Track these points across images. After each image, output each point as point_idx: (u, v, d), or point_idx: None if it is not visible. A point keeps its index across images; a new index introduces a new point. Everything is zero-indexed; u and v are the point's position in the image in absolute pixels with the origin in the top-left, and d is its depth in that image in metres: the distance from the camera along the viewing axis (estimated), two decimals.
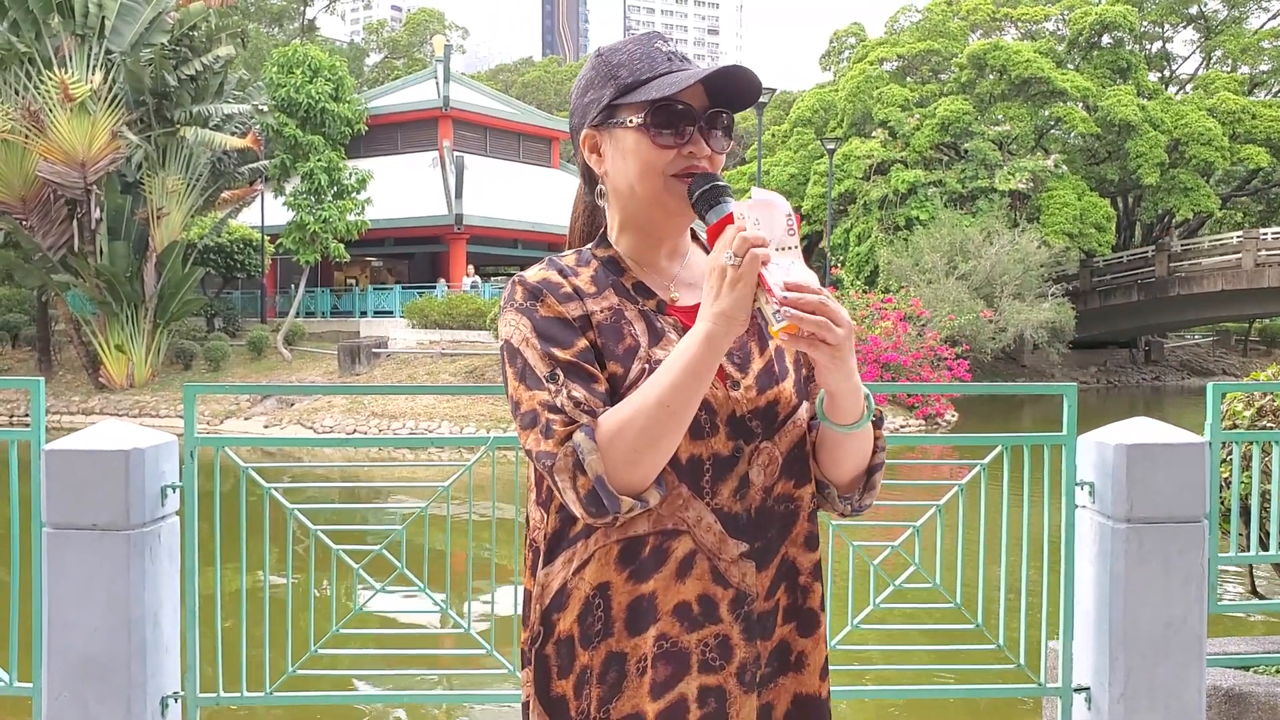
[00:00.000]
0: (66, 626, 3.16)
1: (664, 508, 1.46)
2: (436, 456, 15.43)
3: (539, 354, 1.46)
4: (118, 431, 3.23)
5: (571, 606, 1.49)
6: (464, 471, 3.48)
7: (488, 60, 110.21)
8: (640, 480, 1.41)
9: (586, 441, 1.40)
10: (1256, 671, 3.79)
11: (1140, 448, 3.27)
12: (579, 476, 1.40)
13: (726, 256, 1.33)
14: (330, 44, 60.68)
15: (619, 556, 1.47)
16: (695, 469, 1.47)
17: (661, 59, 1.50)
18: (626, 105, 1.50)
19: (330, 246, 28.20)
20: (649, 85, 1.48)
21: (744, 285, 1.33)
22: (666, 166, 1.48)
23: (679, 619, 1.47)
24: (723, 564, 1.48)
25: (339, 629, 3.47)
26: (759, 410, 1.51)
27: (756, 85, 1.48)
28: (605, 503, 1.40)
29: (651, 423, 1.38)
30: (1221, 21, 45.89)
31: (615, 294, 1.53)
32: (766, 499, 1.51)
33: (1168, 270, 39.12)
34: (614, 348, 1.49)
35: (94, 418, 24.12)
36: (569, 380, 1.44)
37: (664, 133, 1.47)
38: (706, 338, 1.36)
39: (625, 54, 1.52)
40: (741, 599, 1.48)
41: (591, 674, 1.47)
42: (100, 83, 24.16)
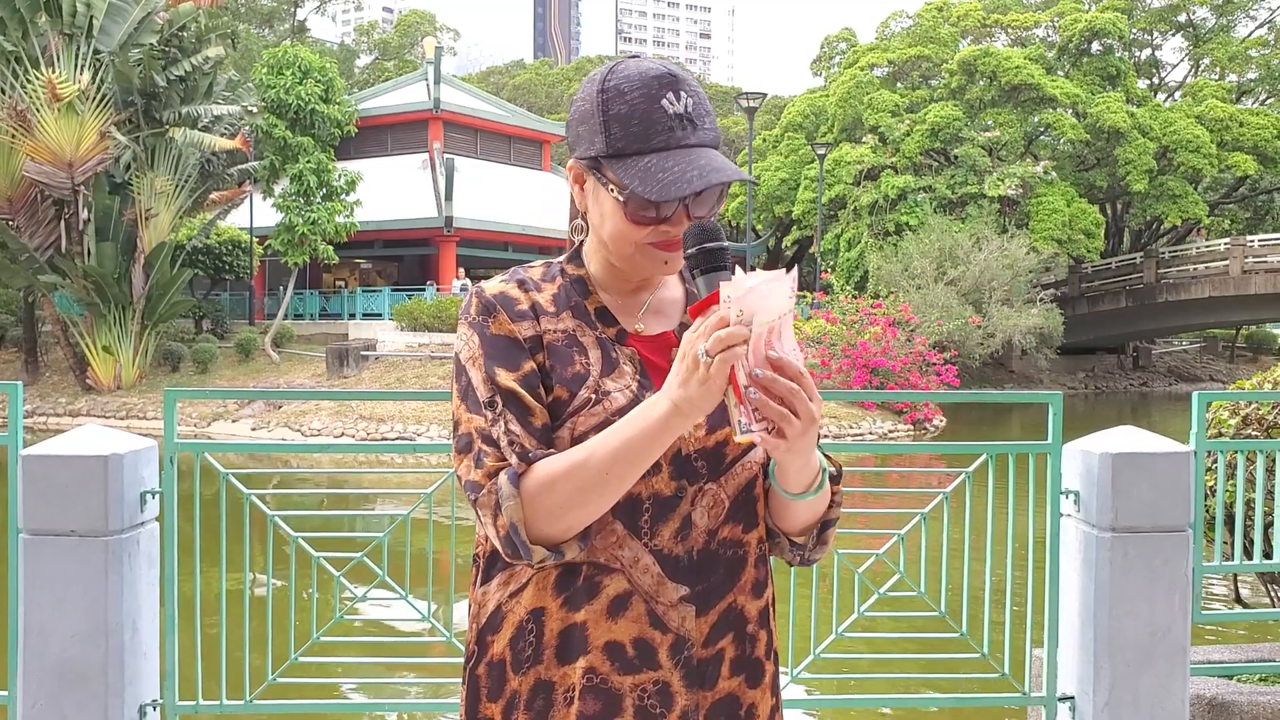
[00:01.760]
0: (43, 633, 3.12)
1: (597, 540, 1.42)
2: (424, 459, 15.40)
3: (482, 375, 1.42)
4: (97, 436, 3.20)
5: (505, 630, 1.46)
6: (448, 478, 3.46)
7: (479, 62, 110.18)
8: (561, 534, 1.37)
9: (507, 486, 1.36)
10: (1240, 680, 3.79)
11: (1125, 456, 3.27)
12: (498, 517, 1.37)
13: (701, 350, 1.24)
14: (321, 45, 60.60)
15: (555, 583, 1.44)
16: (633, 508, 1.42)
17: (663, 126, 1.39)
18: (611, 170, 1.41)
19: (319, 248, 28.13)
20: (637, 163, 1.38)
21: (713, 385, 1.25)
22: (642, 238, 1.43)
23: (610, 658, 1.42)
24: (660, 607, 1.43)
25: (319, 637, 3.44)
26: (706, 450, 1.45)
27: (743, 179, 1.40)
28: (519, 550, 1.37)
29: (585, 484, 1.34)
30: (1210, 29, 46.14)
31: (574, 316, 1.48)
32: (710, 542, 1.45)
33: (1156, 277, 39.29)
34: (562, 371, 1.44)
35: (81, 419, 24.01)
36: (506, 410, 1.40)
37: (643, 214, 1.41)
38: (664, 419, 1.30)
39: (626, 105, 1.40)
40: (681, 644, 1.43)
41: (519, 699, 1.44)
42: (88, 82, 24.07)
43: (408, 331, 28.15)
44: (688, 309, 1.35)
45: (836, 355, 24.38)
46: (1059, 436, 3.46)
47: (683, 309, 1.54)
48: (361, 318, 31.99)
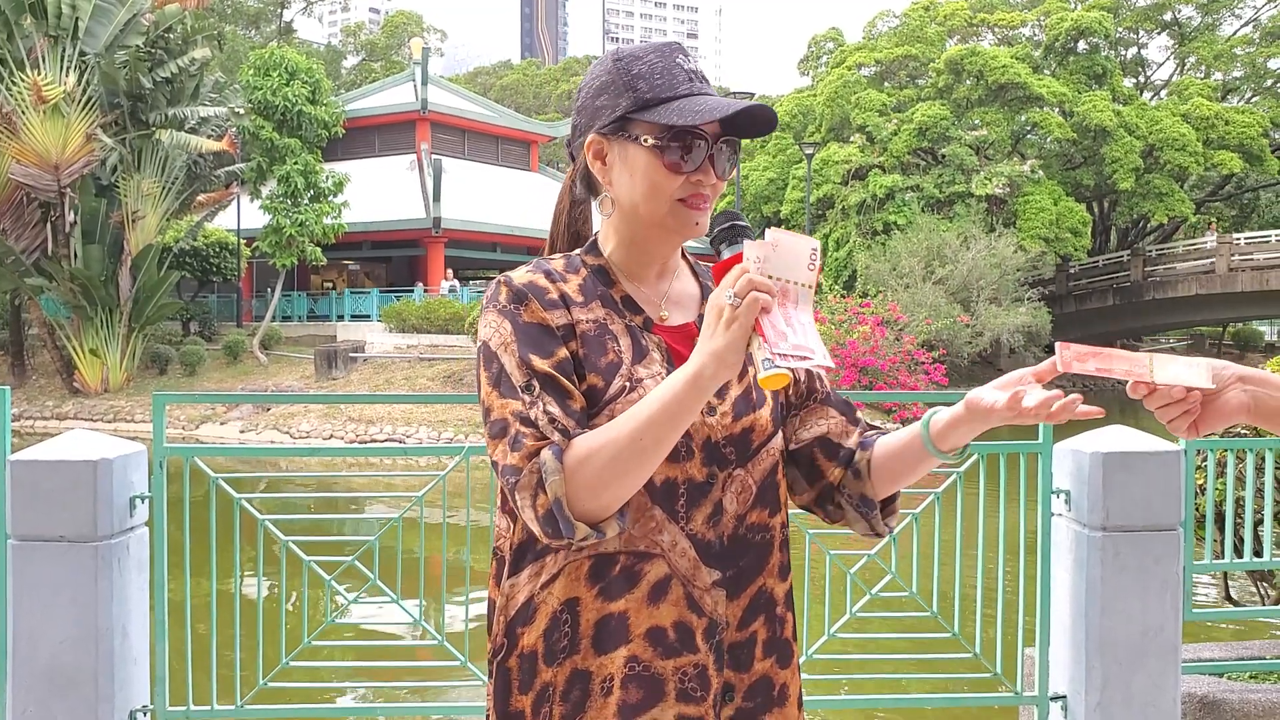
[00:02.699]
0: (33, 639, 3.10)
1: (636, 528, 1.43)
2: (415, 462, 15.37)
3: (517, 361, 1.42)
4: (85, 441, 3.19)
5: (538, 621, 1.45)
6: (438, 481, 3.45)
7: (466, 63, 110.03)
8: (601, 509, 1.37)
9: (552, 461, 1.35)
10: (1230, 678, 3.80)
11: (1116, 456, 3.27)
12: (539, 495, 1.35)
13: (728, 295, 1.28)
14: (307, 46, 60.43)
15: (589, 573, 1.44)
16: (670, 492, 1.44)
17: (683, 77, 1.45)
18: (641, 122, 1.45)
19: (307, 250, 28.05)
20: (669, 106, 1.43)
21: (739, 327, 1.27)
22: (675, 192, 1.45)
23: (652, 644, 1.43)
24: (697, 591, 1.45)
25: (310, 641, 3.42)
26: (734, 437, 1.48)
27: (773, 121, 1.45)
28: (561, 527, 1.36)
29: (622, 454, 1.34)
30: (1195, 28, 46.33)
31: (603, 305, 1.49)
32: (739, 527, 1.48)
33: (1143, 275, 39.45)
34: (596, 360, 1.45)
35: (68, 423, 23.89)
36: (544, 393, 1.39)
37: (677, 159, 1.44)
38: (694, 376, 1.31)
39: (646, 64, 1.46)
40: (714, 628, 1.45)
41: (554, 691, 1.44)
42: (74, 85, 23.96)
43: (396, 333, 28.09)
44: (712, 268, 1.38)
45: None
46: (1049, 436, 3.47)
47: (699, 302, 1.57)
48: (350, 319, 31.91)
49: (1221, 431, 4.04)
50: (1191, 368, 1.35)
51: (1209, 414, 1.40)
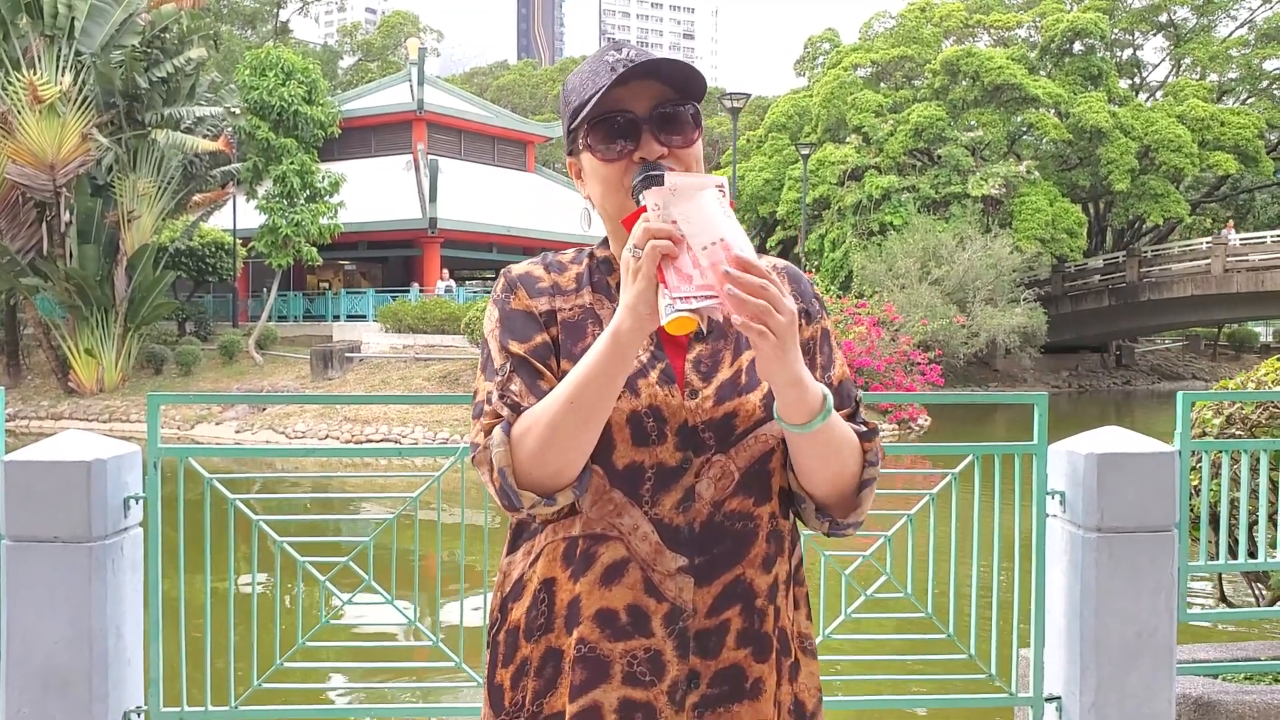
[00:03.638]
0: (27, 640, 3.10)
1: (594, 511, 1.45)
2: (410, 462, 15.35)
3: (498, 345, 1.49)
4: (79, 442, 3.18)
5: (524, 598, 1.50)
6: (433, 481, 3.44)
7: (463, 63, 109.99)
8: (548, 478, 1.40)
9: (499, 434, 1.41)
10: (1225, 679, 3.81)
11: (1110, 457, 3.27)
12: (493, 469, 1.41)
13: (629, 248, 1.30)
14: (304, 46, 60.37)
15: (564, 554, 1.47)
16: (634, 476, 1.45)
17: (605, 71, 1.45)
18: (579, 131, 1.49)
19: (303, 250, 28.01)
20: (588, 105, 1.46)
21: (643, 278, 1.28)
22: (623, 180, 1.46)
23: (600, 625, 1.44)
24: (657, 575, 1.44)
25: (305, 642, 3.42)
26: (714, 422, 1.46)
27: (692, 74, 1.44)
28: (511, 498, 1.40)
29: (558, 419, 1.37)
30: (1191, 29, 46.41)
31: (595, 292, 1.53)
32: (715, 514, 1.46)
33: (1138, 275, 39.51)
34: (571, 346, 1.48)
35: (63, 423, 23.86)
36: (514, 373, 1.46)
37: (607, 145, 1.46)
38: (613, 333, 1.33)
39: (578, 76, 1.51)
40: (676, 614, 1.44)
41: (530, 666, 1.48)
42: (70, 84, 23.92)
43: (392, 333, 28.07)
44: (621, 222, 1.39)
45: None
46: (1044, 437, 3.47)
47: None
48: (346, 319, 31.88)
49: (1217, 433, 4.05)
50: None
51: None
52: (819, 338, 1.58)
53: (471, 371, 24.43)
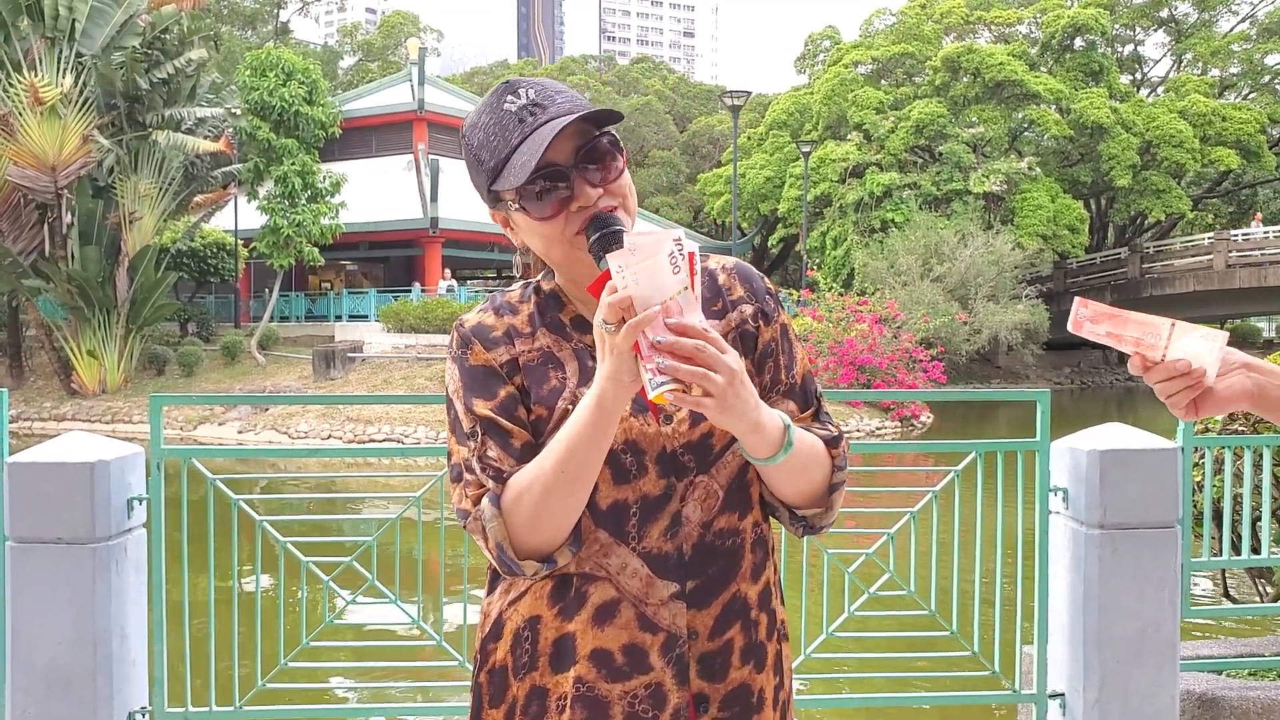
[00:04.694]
0: (31, 641, 3.10)
1: (584, 551, 1.44)
2: (413, 462, 15.36)
3: (463, 407, 1.46)
4: (83, 443, 3.18)
5: (505, 638, 1.49)
6: (436, 481, 3.44)
7: (463, 63, 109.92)
8: (545, 543, 1.40)
9: (489, 507, 1.40)
10: (1229, 675, 3.81)
11: (1113, 454, 3.27)
12: (486, 540, 1.41)
13: (599, 323, 1.28)
14: (304, 47, 60.39)
15: (551, 593, 1.46)
16: (618, 514, 1.44)
17: (513, 127, 1.41)
18: (500, 192, 1.45)
19: (304, 250, 28.02)
20: (508, 168, 1.41)
21: (621, 354, 1.27)
22: (564, 231, 1.42)
23: (597, 666, 1.43)
24: (650, 608, 1.43)
25: (308, 642, 3.42)
26: (691, 444, 1.45)
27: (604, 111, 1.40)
28: (511, 567, 1.41)
29: (550, 487, 1.36)
30: (1192, 25, 46.35)
31: (550, 332, 1.50)
32: (706, 534, 1.45)
33: (1140, 271, 39.48)
34: (538, 390, 1.46)
35: (66, 424, 23.88)
36: (486, 438, 1.43)
37: (542, 206, 1.41)
38: (598, 401, 1.32)
39: (481, 131, 1.45)
40: (673, 642, 1.43)
41: (517, 706, 1.47)
42: (71, 86, 23.94)
43: (394, 333, 28.08)
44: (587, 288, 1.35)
45: (823, 353, 24.42)
46: (1047, 434, 3.47)
47: None
48: (348, 319, 31.89)
49: (1220, 428, 4.04)
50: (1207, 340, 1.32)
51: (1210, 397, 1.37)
52: (779, 337, 1.56)
53: None
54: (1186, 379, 1.35)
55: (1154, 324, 1.34)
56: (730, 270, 1.58)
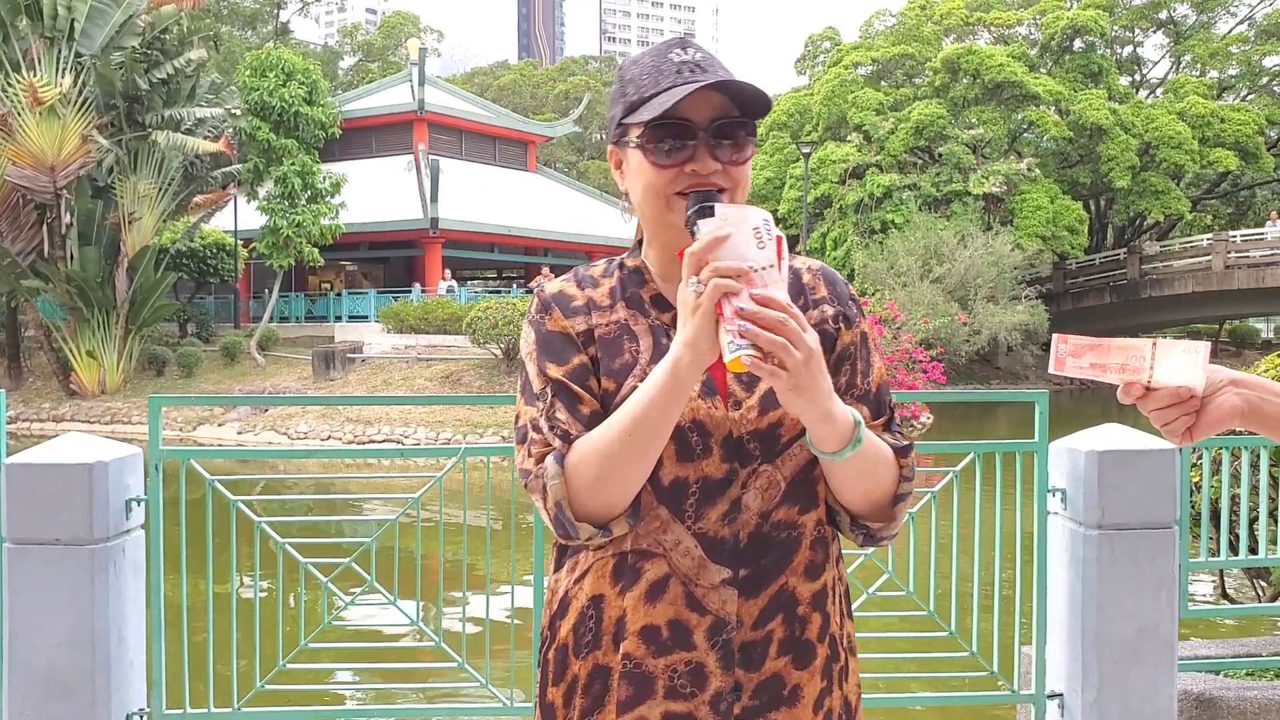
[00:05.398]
0: (29, 643, 3.10)
1: (642, 527, 1.45)
2: (413, 462, 15.36)
3: (536, 369, 1.48)
4: (81, 444, 3.18)
5: (570, 615, 1.50)
6: (435, 483, 3.44)
7: (463, 63, 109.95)
8: (604, 508, 1.40)
9: (553, 466, 1.40)
10: (1227, 675, 3.81)
11: (1111, 454, 3.27)
12: (545, 499, 1.41)
13: (692, 283, 1.28)
14: (304, 47, 60.38)
15: (613, 571, 1.47)
16: (678, 492, 1.44)
17: (670, 71, 1.43)
18: (631, 125, 1.45)
19: (304, 251, 28.03)
20: (649, 104, 1.42)
21: (704, 314, 1.27)
22: (668, 186, 1.43)
23: (645, 641, 1.44)
24: (699, 590, 1.44)
25: (307, 643, 3.42)
26: (759, 432, 1.45)
27: (757, 96, 1.42)
28: (567, 528, 1.41)
29: (615, 451, 1.37)
30: (1190, 26, 46.37)
31: (628, 307, 1.51)
32: (763, 524, 1.45)
33: (1139, 272, 39.48)
34: (609, 363, 1.47)
35: (65, 425, 23.87)
36: (555, 399, 1.45)
37: (661, 152, 1.42)
38: (673, 367, 1.32)
39: (638, 68, 1.47)
40: (720, 626, 1.44)
41: (579, 684, 1.47)
42: (70, 86, 23.94)
43: (394, 333, 28.07)
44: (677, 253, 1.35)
45: None
46: (1045, 435, 3.47)
47: None
48: (347, 320, 31.89)
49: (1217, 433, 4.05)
50: (1190, 353, 1.33)
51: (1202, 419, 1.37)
52: (858, 342, 1.57)
53: (473, 371, 24.43)
54: (1182, 406, 1.35)
55: (1136, 347, 1.35)
56: (815, 271, 1.59)
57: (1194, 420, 1.37)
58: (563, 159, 59.82)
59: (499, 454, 3.70)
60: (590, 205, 42.80)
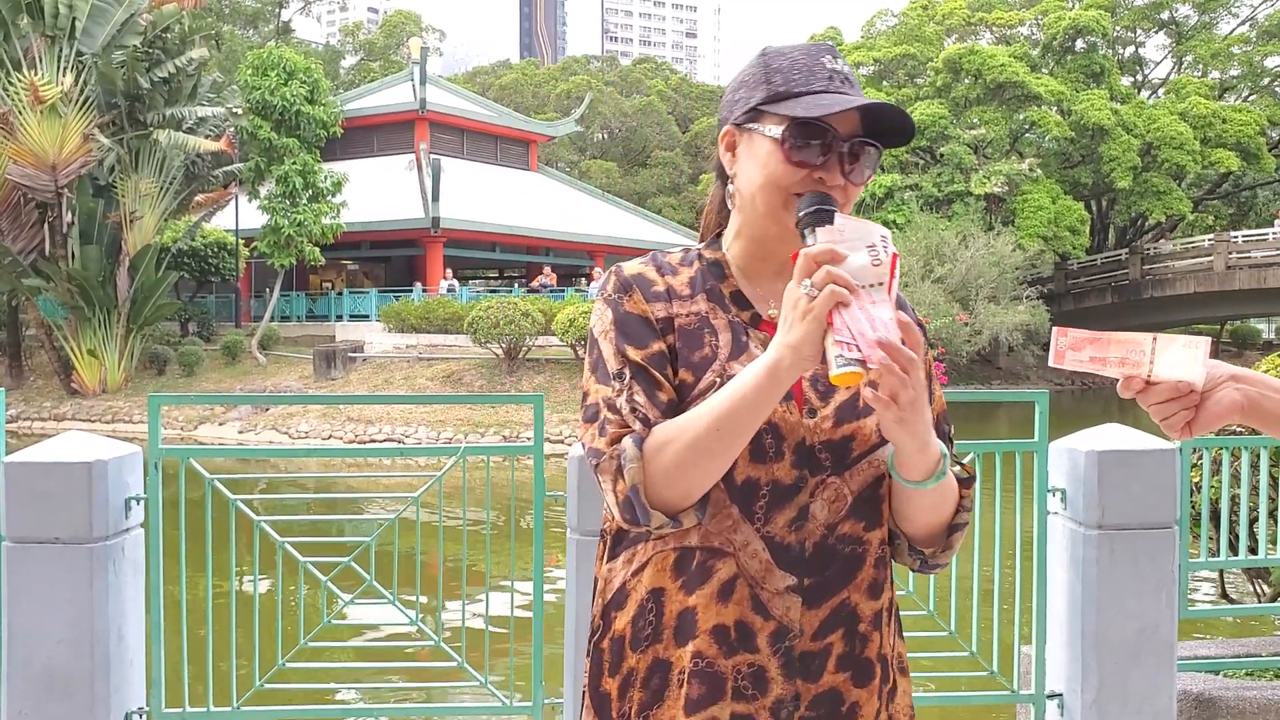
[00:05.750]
0: (28, 641, 3.10)
1: (713, 524, 1.43)
2: (414, 462, 15.36)
3: (613, 349, 1.46)
4: (80, 442, 3.18)
5: (628, 607, 1.48)
6: (434, 482, 3.44)
7: (465, 62, 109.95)
8: (678, 498, 1.39)
9: (632, 449, 1.38)
10: (1226, 675, 3.81)
11: (1111, 454, 3.27)
12: (619, 481, 1.38)
13: (805, 286, 1.27)
14: (306, 46, 60.39)
15: (674, 564, 1.45)
16: (749, 492, 1.43)
17: (822, 75, 1.43)
18: (771, 113, 1.43)
19: (305, 250, 28.03)
20: (799, 99, 1.41)
21: (814, 320, 1.26)
22: (793, 185, 1.42)
23: (716, 641, 1.43)
24: (765, 594, 1.43)
25: (306, 642, 3.42)
26: (831, 443, 1.44)
27: (909, 127, 1.42)
28: (638, 514, 1.39)
29: (699, 442, 1.35)
30: (1192, 27, 46.37)
31: (708, 300, 1.50)
32: (828, 536, 1.45)
33: (1141, 273, 39.46)
34: (689, 355, 1.46)
35: (66, 424, 23.89)
36: (634, 381, 1.43)
37: (799, 151, 1.41)
38: (771, 367, 1.31)
39: (787, 60, 1.46)
40: (783, 633, 1.43)
41: (636, 677, 1.46)
42: (71, 85, 23.95)
43: (395, 333, 28.07)
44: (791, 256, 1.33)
45: None
46: (1045, 435, 3.47)
47: None
48: (349, 319, 31.86)
49: (1217, 429, 4.05)
50: (1190, 349, 1.33)
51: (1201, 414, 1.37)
52: (927, 370, 1.56)
53: (475, 371, 24.42)
54: (1182, 400, 1.35)
55: (1136, 341, 1.35)
56: None
57: (1193, 415, 1.36)
58: (565, 158, 59.82)
59: (499, 453, 3.70)
60: (592, 205, 42.79)
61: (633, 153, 60.10)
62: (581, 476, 3.12)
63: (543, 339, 24.40)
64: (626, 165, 58.65)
